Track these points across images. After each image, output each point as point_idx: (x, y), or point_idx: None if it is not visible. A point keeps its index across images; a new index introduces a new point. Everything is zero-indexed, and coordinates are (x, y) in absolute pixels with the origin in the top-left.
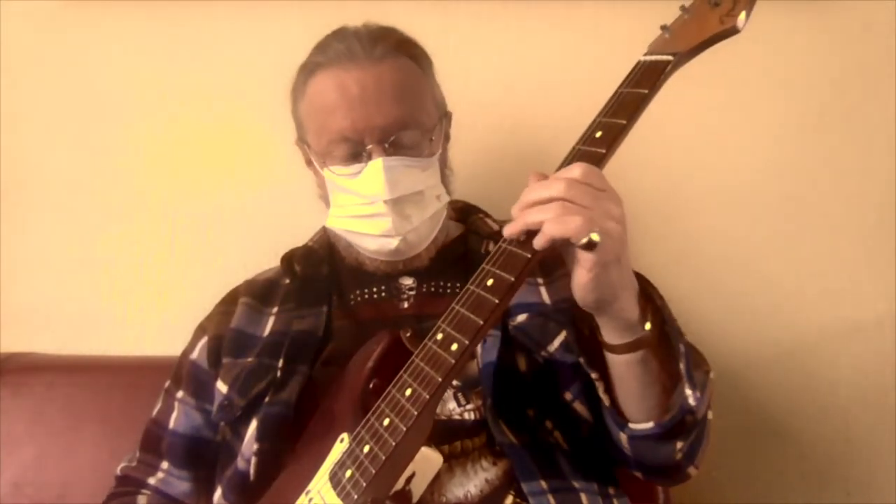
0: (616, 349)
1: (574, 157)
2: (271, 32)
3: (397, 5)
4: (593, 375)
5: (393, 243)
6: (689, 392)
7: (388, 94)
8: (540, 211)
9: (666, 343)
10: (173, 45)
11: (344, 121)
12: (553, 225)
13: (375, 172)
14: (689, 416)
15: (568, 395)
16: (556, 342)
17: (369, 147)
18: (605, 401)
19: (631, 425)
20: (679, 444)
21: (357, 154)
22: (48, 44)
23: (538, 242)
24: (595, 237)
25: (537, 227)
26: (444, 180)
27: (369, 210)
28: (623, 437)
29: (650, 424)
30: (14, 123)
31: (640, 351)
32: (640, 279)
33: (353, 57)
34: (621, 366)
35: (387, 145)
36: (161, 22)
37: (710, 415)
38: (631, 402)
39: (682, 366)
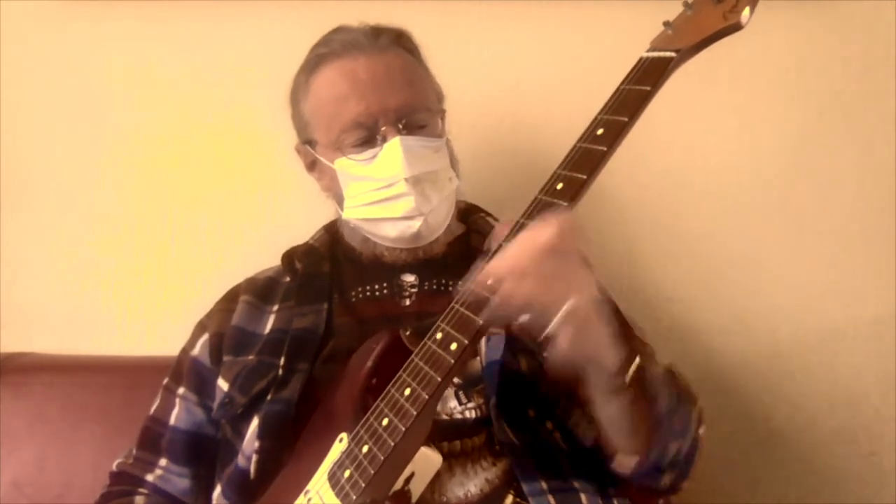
0: (603, 397)
1: (576, 154)
2: (272, 32)
3: (397, 5)
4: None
5: (415, 225)
6: (672, 448)
7: (397, 79)
8: (514, 283)
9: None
10: (173, 45)
11: (357, 106)
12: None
13: (393, 152)
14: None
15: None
16: None
17: (383, 129)
18: (587, 442)
19: (618, 457)
20: (666, 479)
21: (371, 139)
22: (48, 43)
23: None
24: (551, 330)
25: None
26: (453, 165)
27: (388, 193)
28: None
29: (635, 459)
30: (14, 123)
31: (627, 394)
32: (620, 318)
33: (359, 46)
34: (611, 410)
35: (400, 126)
36: (161, 22)
37: (702, 431)
38: (620, 437)
39: (661, 428)
